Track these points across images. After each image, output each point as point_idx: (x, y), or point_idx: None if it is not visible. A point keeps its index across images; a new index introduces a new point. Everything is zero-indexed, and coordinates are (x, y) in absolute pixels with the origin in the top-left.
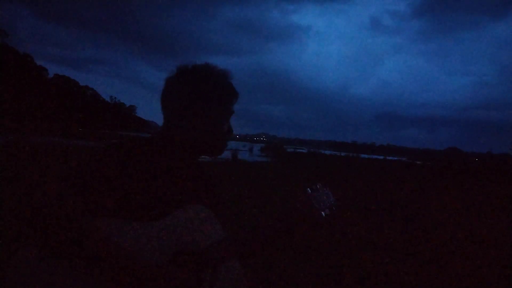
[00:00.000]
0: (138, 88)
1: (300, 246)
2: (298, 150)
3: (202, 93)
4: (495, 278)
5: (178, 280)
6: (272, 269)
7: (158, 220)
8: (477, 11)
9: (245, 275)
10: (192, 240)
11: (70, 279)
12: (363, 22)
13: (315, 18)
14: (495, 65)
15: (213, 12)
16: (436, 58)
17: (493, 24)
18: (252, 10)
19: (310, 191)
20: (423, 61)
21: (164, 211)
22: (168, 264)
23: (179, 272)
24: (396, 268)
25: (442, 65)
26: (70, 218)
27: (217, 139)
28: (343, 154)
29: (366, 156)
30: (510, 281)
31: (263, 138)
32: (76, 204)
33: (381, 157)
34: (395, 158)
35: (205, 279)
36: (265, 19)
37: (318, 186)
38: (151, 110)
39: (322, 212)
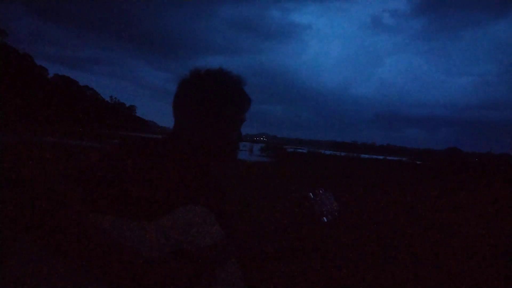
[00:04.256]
0: (138, 88)
1: (299, 246)
2: (298, 150)
3: (215, 99)
4: (495, 278)
5: (176, 279)
6: (272, 269)
7: (157, 219)
8: (478, 10)
9: (243, 276)
10: (190, 240)
11: (69, 275)
12: (364, 21)
13: (315, 16)
14: (496, 65)
15: (212, 11)
16: (437, 58)
17: (494, 23)
18: (252, 8)
19: (312, 196)
20: (424, 61)
21: (163, 211)
22: (166, 263)
23: (176, 271)
24: (396, 268)
25: (443, 65)
26: (71, 215)
27: (226, 146)
28: (343, 154)
29: (366, 156)
30: (510, 281)
31: (263, 138)
32: (78, 201)
33: (381, 157)
34: (395, 158)
35: (202, 279)
36: (264, 17)
37: (321, 191)
38: (151, 110)
39: (324, 218)
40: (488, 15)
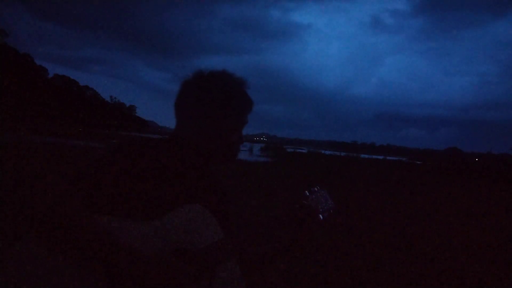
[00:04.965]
0: (138, 88)
1: (299, 246)
2: (298, 150)
3: (217, 101)
4: (495, 278)
5: (176, 279)
6: (272, 269)
7: (157, 219)
8: (478, 9)
9: (243, 276)
10: (190, 240)
11: (69, 275)
12: (364, 20)
13: (315, 16)
14: (496, 65)
15: (212, 11)
16: (437, 57)
17: (494, 23)
18: (252, 8)
19: (308, 193)
20: (424, 61)
21: (163, 211)
22: (166, 263)
23: (177, 271)
24: (396, 267)
25: (443, 65)
26: (71, 215)
27: (227, 147)
28: (343, 154)
29: (366, 156)
30: (510, 281)
31: (263, 138)
32: (77, 201)
33: (381, 157)
34: (395, 158)
35: (202, 279)
36: (264, 17)
37: (316, 188)
38: (151, 110)
39: (320, 215)
40: (488, 15)
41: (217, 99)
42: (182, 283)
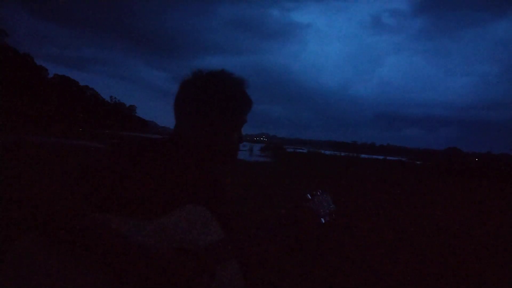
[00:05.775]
0: (138, 88)
1: (299, 246)
2: (298, 150)
3: (216, 101)
4: (495, 278)
5: (176, 279)
6: (272, 269)
7: (157, 219)
8: (478, 9)
9: (243, 276)
10: (190, 239)
11: (69, 275)
12: (364, 20)
13: (315, 16)
14: (496, 65)
15: (211, 10)
16: (437, 57)
17: (494, 23)
18: (251, 8)
19: (310, 197)
20: (424, 61)
21: (163, 211)
22: (166, 263)
23: (177, 271)
24: (396, 267)
25: (443, 65)
26: (71, 214)
27: (227, 147)
28: (343, 154)
29: (366, 156)
30: (510, 281)
31: (263, 138)
32: (78, 201)
33: (381, 157)
34: (395, 158)
35: (202, 279)
36: (264, 17)
37: (318, 192)
38: (151, 110)
39: (322, 219)
40: (488, 15)
41: (216, 98)
42: (181, 284)
